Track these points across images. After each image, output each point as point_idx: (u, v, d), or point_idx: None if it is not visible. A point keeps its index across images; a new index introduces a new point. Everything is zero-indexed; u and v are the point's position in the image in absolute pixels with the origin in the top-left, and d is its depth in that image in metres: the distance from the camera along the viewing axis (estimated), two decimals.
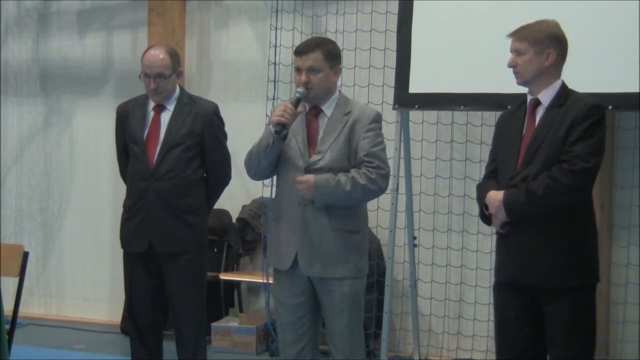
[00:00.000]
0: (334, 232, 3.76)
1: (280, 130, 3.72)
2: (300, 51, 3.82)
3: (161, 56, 4.47)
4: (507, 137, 3.66)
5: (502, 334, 3.63)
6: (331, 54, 3.83)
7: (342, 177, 3.71)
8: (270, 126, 3.77)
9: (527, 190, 3.44)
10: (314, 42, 3.88)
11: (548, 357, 3.58)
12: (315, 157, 3.79)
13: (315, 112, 3.87)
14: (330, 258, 3.77)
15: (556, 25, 3.59)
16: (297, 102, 3.76)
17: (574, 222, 3.47)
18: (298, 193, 3.74)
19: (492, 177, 3.70)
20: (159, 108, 4.53)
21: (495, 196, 3.53)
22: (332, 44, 3.91)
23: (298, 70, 3.81)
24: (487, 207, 3.60)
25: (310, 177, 3.70)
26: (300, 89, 3.78)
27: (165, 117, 4.52)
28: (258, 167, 3.87)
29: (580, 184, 3.42)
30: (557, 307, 3.45)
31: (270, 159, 3.84)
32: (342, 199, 3.72)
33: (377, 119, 3.87)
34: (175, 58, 4.54)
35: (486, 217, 3.65)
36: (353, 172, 3.73)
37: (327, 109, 3.86)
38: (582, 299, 3.48)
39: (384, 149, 3.83)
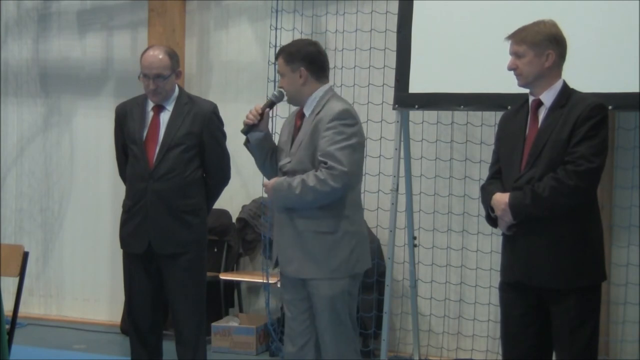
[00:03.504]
0: (303, 233, 3.78)
1: (246, 131, 3.87)
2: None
3: (160, 57, 4.46)
4: (509, 138, 3.66)
5: (509, 333, 3.64)
6: (290, 56, 3.83)
7: (295, 180, 3.73)
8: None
9: (532, 192, 3.44)
10: (281, 47, 3.97)
11: (554, 356, 3.59)
12: (285, 160, 3.85)
13: (301, 114, 3.93)
14: (301, 259, 3.80)
15: (554, 26, 3.59)
16: (269, 104, 3.91)
17: (579, 223, 3.48)
18: None
19: (496, 178, 3.70)
20: (158, 108, 4.53)
21: (501, 199, 3.54)
22: (294, 45, 3.90)
23: None
24: (492, 210, 3.60)
25: (270, 182, 3.82)
26: (275, 92, 3.93)
27: (164, 117, 4.52)
28: (259, 167, 4.04)
29: (585, 184, 3.42)
30: (564, 306, 3.46)
31: (258, 158, 3.98)
32: (295, 202, 3.75)
33: (341, 116, 3.73)
34: (174, 58, 4.53)
35: (492, 219, 3.65)
36: (305, 175, 3.73)
37: (307, 109, 3.89)
38: (589, 299, 3.50)
39: (344, 147, 3.69)
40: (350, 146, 3.71)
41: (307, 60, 3.84)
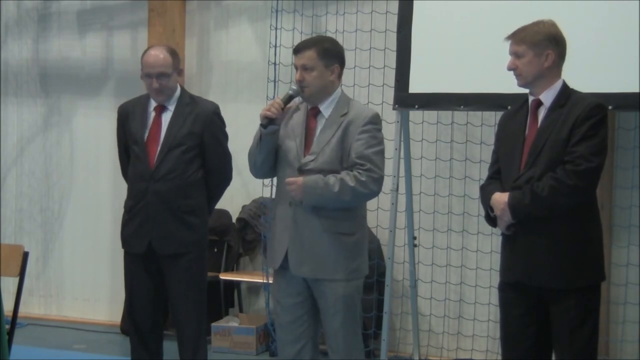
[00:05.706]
0: (324, 233, 3.75)
1: (267, 124, 3.74)
2: (296, 49, 3.84)
3: (161, 55, 4.47)
4: (509, 138, 3.66)
5: (508, 333, 3.64)
6: (327, 52, 3.80)
7: (331, 178, 3.68)
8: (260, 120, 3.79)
9: (531, 192, 3.44)
10: (311, 41, 3.89)
11: (554, 356, 3.59)
12: (307, 158, 3.79)
13: (314, 112, 3.87)
14: (320, 260, 3.75)
15: (553, 26, 3.59)
16: (288, 99, 3.78)
17: (579, 223, 3.48)
18: (289, 193, 3.75)
19: (496, 178, 3.70)
20: (160, 108, 4.53)
21: (500, 198, 3.54)
22: (331, 42, 3.90)
23: (296, 68, 3.84)
24: (492, 209, 3.60)
25: (299, 179, 3.70)
26: (293, 86, 3.80)
27: (166, 117, 4.52)
28: (255, 163, 3.90)
29: (584, 184, 3.42)
30: (564, 306, 3.47)
31: (265, 155, 3.84)
32: (330, 201, 3.70)
33: (374, 121, 3.81)
34: (176, 56, 4.55)
35: (491, 219, 3.66)
36: (343, 174, 3.70)
37: (326, 109, 3.85)
38: (588, 299, 3.50)
39: (379, 152, 3.76)
40: (381, 152, 3.79)
41: (340, 59, 3.88)
